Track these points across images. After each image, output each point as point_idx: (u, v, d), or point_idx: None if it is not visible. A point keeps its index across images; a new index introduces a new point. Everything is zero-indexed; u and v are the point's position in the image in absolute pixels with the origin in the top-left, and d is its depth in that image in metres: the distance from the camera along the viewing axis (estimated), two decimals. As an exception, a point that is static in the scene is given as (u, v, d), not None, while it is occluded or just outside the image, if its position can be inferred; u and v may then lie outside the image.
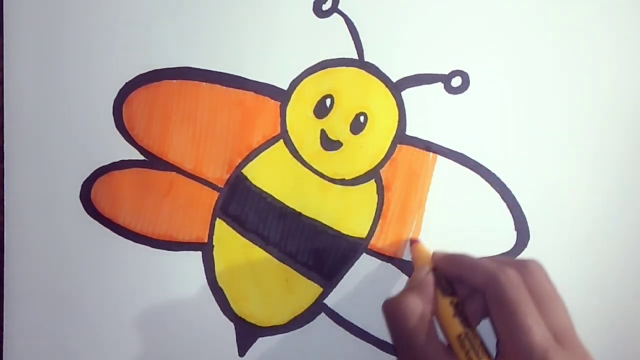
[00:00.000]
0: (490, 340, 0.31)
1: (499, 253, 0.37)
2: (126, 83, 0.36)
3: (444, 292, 0.32)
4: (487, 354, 0.30)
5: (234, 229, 0.37)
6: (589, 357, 0.30)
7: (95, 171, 0.37)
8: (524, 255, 0.37)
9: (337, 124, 0.36)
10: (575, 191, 0.36)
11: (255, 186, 0.37)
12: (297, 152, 0.37)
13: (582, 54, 0.36)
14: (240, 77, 0.36)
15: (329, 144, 0.36)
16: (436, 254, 0.35)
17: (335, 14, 0.36)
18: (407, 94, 0.36)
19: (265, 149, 0.37)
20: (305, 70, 0.36)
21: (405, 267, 0.37)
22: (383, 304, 0.33)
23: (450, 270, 0.33)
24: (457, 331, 0.31)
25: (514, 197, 0.36)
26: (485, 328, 0.31)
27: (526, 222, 0.36)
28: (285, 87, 0.36)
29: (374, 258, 0.37)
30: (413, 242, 0.36)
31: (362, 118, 0.36)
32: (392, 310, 0.32)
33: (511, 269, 0.31)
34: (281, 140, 0.37)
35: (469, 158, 0.36)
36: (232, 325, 0.38)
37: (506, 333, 0.29)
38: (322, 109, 0.36)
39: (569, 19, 0.36)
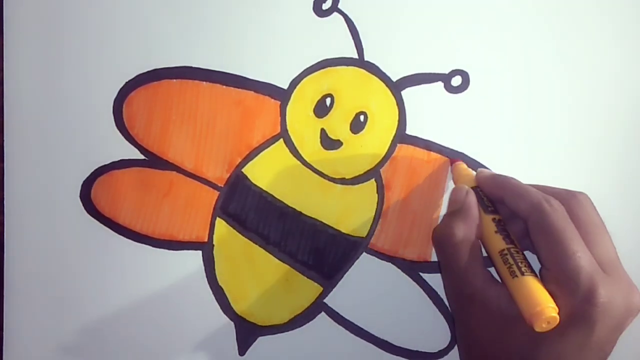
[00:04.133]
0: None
1: (499, 252, 0.37)
2: (126, 83, 0.36)
3: (485, 209, 0.32)
4: (531, 268, 0.30)
5: (234, 228, 0.37)
6: (634, 287, 0.30)
7: (95, 171, 0.37)
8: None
9: (337, 123, 0.36)
10: (576, 190, 0.36)
11: (255, 185, 0.37)
12: (297, 151, 0.37)
13: (582, 53, 0.36)
14: (240, 76, 0.36)
15: (329, 143, 0.36)
16: (481, 172, 0.35)
17: (335, 14, 0.36)
18: (407, 94, 0.36)
19: (265, 148, 0.37)
20: (305, 70, 0.36)
21: (406, 266, 0.37)
22: (433, 232, 0.33)
23: (494, 191, 0.33)
24: (499, 247, 0.31)
25: (514, 197, 0.36)
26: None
27: (526, 221, 0.36)
28: (285, 87, 0.36)
29: (374, 257, 0.37)
30: (453, 161, 0.36)
31: (362, 117, 0.36)
32: (439, 236, 0.32)
33: (557, 198, 0.31)
34: (281, 140, 0.37)
35: (469, 158, 0.36)
36: (232, 324, 0.38)
37: (550, 259, 0.29)
38: (322, 108, 0.36)
39: (569, 19, 0.36)
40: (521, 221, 0.32)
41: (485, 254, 0.33)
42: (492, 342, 0.31)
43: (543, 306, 0.28)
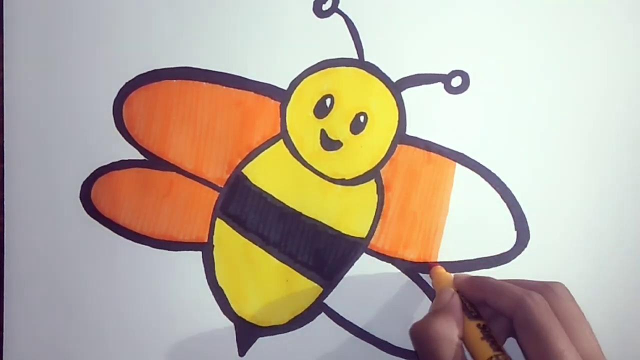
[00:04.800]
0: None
1: (498, 253, 0.37)
2: (126, 83, 0.36)
3: (469, 315, 0.32)
4: None
5: (234, 228, 0.37)
6: None
7: (95, 171, 0.37)
8: (523, 255, 0.36)
9: (337, 124, 0.36)
10: (575, 191, 0.36)
11: (255, 186, 0.37)
12: (297, 152, 0.37)
13: (581, 53, 0.36)
14: (240, 77, 0.36)
15: (329, 143, 0.36)
16: (458, 277, 0.34)
17: (335, 14, 0.36)
18: (407, 94, 0.36)
19: (265, 149, 0.37)
20: (305, 70, 0.36)
21: (405, 267, 0.37)
22: (411, 328, 0.32)
23: (474, 294, 0.33)
24: (487, 354, 0.30)
25: (514, 197, 0.36)
26: (508, 347, 0.31)
27: (526, 222, 0.36)
28: (285, 87, 0.36)
29: (374, 258, 0.37)
30: (431, 266, 0.36)
31: (362, 118, 0.36)
32: (421, 334, 0.32)
33: (537, 293, 0.31)
34: (281, 140, 0.37)
35: (469, 158, 0.36)
36: (232, 325, 0.38)
37: (537, 358, 0.29)
38: (322, 109, 0.36)
39: (569, 19, 0.36)
40: (504, 320, 0.32)
41: None
42: None
43: None
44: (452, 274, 0.35)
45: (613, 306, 0.37)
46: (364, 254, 0.37)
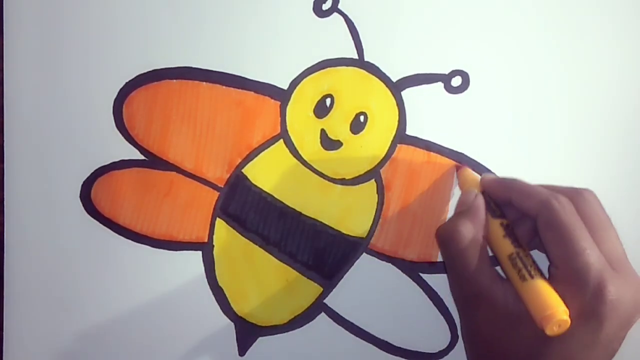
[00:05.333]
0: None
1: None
2: (126, 83, 0.36)
3: (493, 214, 0.32)
4: (540, 272, 0.30)
5: (234, 228, 0.37)
6: None
7: (95, 171, 0.37)
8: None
9: (337, 124, 0.36)
10: (575, 191, 0.36)
11: (255, 186, 0.37)
12: (297, 151, 0.37)
13: (582, 53, 0.36)
14: (240, 76, 0.36)
15: (329, 143, 0.36)
16: (485, 177, 0.35)
17: (335, 14, 0.36)
18: (407, 94, 0.36)
19: (265, 148, 0.37)
20: (305, 70, 0.36)
21: (406, 267, 0.37)
22: (436, 232, 0.33)
23: (501, 194, 0.33)
24: (508, 251, 0.31)
25: (514, 197, 0.36)
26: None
27: (526, 221, 0.36)
28: (285, 87, 0.36)
29: (374, 258, 0.37)
30: (459, 167, 0.36)
31: (362, 118, 0.36)
32: (445, 235, 0.32)
33: (564, 196, 0.31)
34: (281, 140, 0.37)
35: (469, 158, 0.36)
36: (232, 325, 0.38)
37: (559, 257, 0.29)
38: (322, 109, 0.36)
39: (569, 19, 0.36)
40: (529, 222, 0.32)
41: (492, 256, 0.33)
42: (499, 340, 0.31)
43: (554, 310, 0.28)
44: (480, 176, 0.35)
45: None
46: (364, 254, 0.37)
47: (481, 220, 0.32)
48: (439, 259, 0.37)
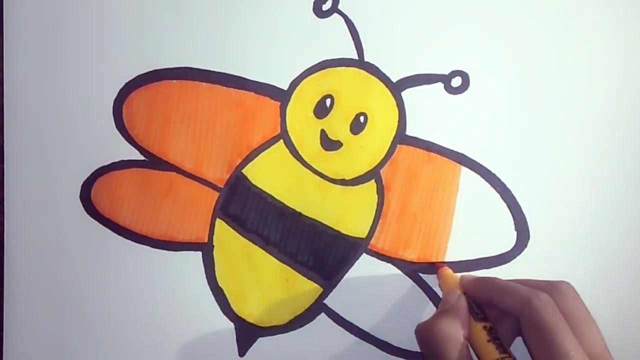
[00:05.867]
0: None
1: (499, 253, 0.37)
2: (126, 83, 0.36)
3: (475, 317, 0.32)
4: None
5: (234, 229, 0.37)
6: None
7: (95, 171, 0.37)
8: (523, 255, 0.36)
9: (337, 124, 0.36)
10: (575, 191, 0.36)
11: (255, 186, 0.37)
12: (297, 152, 0.37)
13: (582, 53, 0.36)
14: (240, 77, 0.36)
15: (329, 144, 0.36)
16: (464, 278, 0.35)
17: (335, 14, 0.36)
18: (407, 94, 0.36)
19: (265, 149, 0.37)
20: (305, 70, 0.36)
21: (406, 267, 0.37)
22: (416, 328, 0.32)
23: (481, 295, 0.33)
24: (493, 357, 0.30)
25: (514, 197, 0.36)
26: (514, 347, 0.32)
27: (526, 222, 0.36)
28: (285, 87, 0.36)
29: (374, 258, 0.37)
30: (439, 267, 0.36)
31: (362, 118, 0.36)
32: (426, 334, 0.32)
33: (544, 292, 0.31)
34: (281, 141, 0.37)
35: (469, 158, 0.36)
36: (232, 325, 0.38)
37: (544, 358, 0.29)
38: (322, 109, 0.36)
39: (569, 19, 0.36)
40: (510, 320, 0.32)
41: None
42: None
43: None
44: (459, 275, 0.35)
45: (613, 306, 0.37)
46: (364, 254, 0.37)
47: (464, 320, 0.32)
48: (439, 259, 0.37)
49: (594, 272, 0.37)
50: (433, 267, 0.37)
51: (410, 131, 0.36)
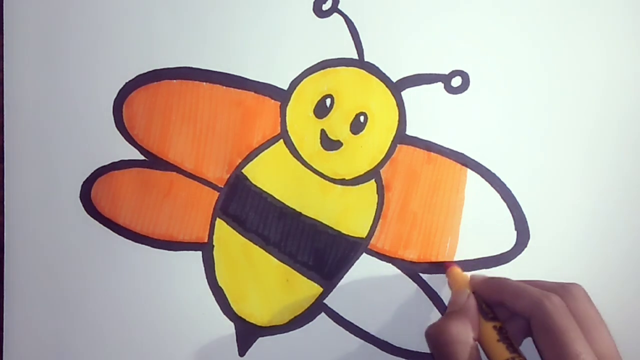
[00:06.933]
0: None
1: (499, 253, 0.37)
2: (126, 83, 0.37)
3: (485, 316, 0.32)
4: None
5: (234, 228, 0.37)
6: None
7: (95, 171, 0.37)
8: (523, 255, 0.36)
9: (337, 124, 0.36)
10: (575, 191, 0.36)
11: (255, 186, 0.37)
12: (297, 152, 0.37)
13: (582, 53, 0.36)
14: (240, 77, 0.36)
15: (329, 143, 0.36)
16: (475, 278, 0.35)
17: (335, 14, 0.36)
18: (407, 94, 0.36)
19: (266, 149, 0.37)
20: (305, 70, 0.36)
21: (406, 267, 0.37)
22: (426, 331, 0.33)
23: (491, 295, 0.33)
24: (503, 356, 0.31)
25: (514, 197, 0.36)
26: (524, 347, 0.32)
27: (526, 222, 0.36)
28: (285, 87, 0.36)
29: (374, 258, 0.37)
30: (448, 266, 0.36)
31: (362, 118, 0.36)
32: (436, 337, 0.32)
33: (555, 295, 0.31)
34: (281, 140, 0.37)
35: (469, 158, 0.36)
36: (232, 325, 0.38)
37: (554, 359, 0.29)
38: (322, 109, 0.36)
39: (569, 19, 0.36)
40: (520, 321, 0.32)
41: None
42: None
43: None
44: (469, 275, 0.35)
45: (613, 306, 0.37)
46: (364, 254, 0.37)
47: (474, 321, 0.32)
48: (439, 259, 0.37)
49: (593, 272, 0.37)
50: (439, 267, 0.37)
51: (410, 131, 0.36)
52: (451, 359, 0.31)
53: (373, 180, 0.37)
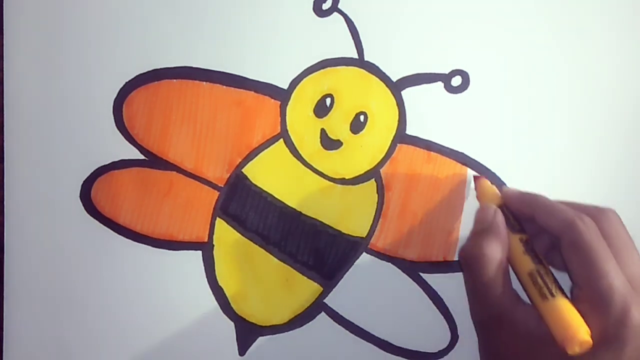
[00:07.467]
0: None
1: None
2: (126, 83, 0.36)
3: (512, 229, 0.32)
4: (561, 290, 0.30)
5: (234, 228, 0.37)
6: None
7: (95, 171, 0.37)
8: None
9: (337, 124, 0.36)
10: (576, 191, 0.36)
11: (255, 186, 0.37)
12: (297, 151, 0.37)
13: (582, 53, 0.36)
14: (240, 76, 0.36)
15: (329, 143, 0.36)
16: (507, 191, 0.34)
17: (335, 14, 0.36)
18: (407, 94, 0.36)
19: (266, 148, 0.37)
20: (305, 70, 0.36)
21: (406, 267, 0.37)
22: (460, 252, 0.33)
23: (523, 209, 0.33)
24: (528, 268, 0.31)
25: (514, 197, 0.36)
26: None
27: (526, 221, 0.36)
28: (286, 87, 0.36)
29: (374, 257, 0.37)
30: (477, 178, 0.36)
31: (362, 117, 0.36)
32: (471, 259, 0.32)
33: (587, 216, 0.31)
34: (281, 140, 0.37)
35: (469, 158, 0.36)
36: (232, 324, 0.38)
37: (583, 278, 0.29)
38: (322, 109, 0.36)
39: (569, 19, 0.36)
40: (547, 238, 0.32)
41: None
42: None
43: (576, 330, 0.28)
44: (497, 189, 0.35)
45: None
46: (364, 253, 0.37)
47: (504, 240, 0.32)
48: (439, 258, 0.37)
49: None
50: (439, 267, 0.37)
51: (410, 130, 0.36)
52: (483, 278, 0.31)
53: (373, 179, 0.37)
